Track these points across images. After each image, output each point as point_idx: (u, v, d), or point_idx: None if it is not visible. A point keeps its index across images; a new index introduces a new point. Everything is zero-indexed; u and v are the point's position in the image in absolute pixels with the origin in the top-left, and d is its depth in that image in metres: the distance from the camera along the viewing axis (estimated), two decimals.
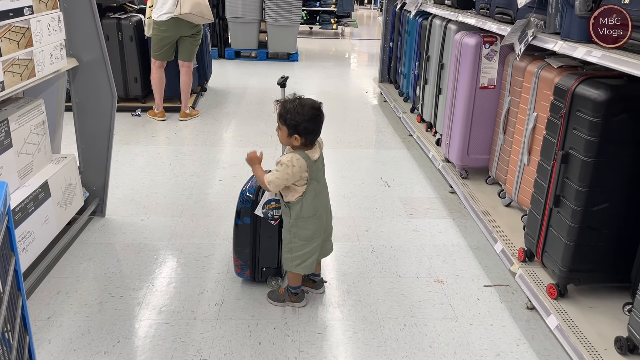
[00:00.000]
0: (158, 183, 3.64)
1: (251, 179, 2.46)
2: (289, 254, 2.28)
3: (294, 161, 2.12)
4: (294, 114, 2.10)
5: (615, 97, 1.89)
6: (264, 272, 2.46)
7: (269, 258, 2.45)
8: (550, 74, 2.45)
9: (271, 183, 2.15)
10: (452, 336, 2.23)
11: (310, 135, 2.16)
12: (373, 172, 4.00)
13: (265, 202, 2.33)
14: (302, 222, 2.23)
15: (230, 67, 7.82)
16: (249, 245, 2.42)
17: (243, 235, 2.42)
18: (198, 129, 4.89)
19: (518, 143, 2.80)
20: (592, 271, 2.14)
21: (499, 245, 2.63)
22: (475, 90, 3.22)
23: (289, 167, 2.12)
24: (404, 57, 5.10)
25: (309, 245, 2.26)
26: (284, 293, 2.38)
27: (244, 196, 2.39)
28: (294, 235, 2.25)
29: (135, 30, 5.05)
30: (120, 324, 2.22)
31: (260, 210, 2.34)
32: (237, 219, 2.41)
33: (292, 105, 2.12)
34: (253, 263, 2.45)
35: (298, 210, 2.21)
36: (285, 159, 2.14)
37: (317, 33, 12.23)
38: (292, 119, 2.10)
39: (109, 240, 2.88)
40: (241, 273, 2.49)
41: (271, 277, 2.48)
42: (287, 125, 2.12)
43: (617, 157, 1.96)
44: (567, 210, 2.08)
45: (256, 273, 2.47)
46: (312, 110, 2.12)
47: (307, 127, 2.11)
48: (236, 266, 2.48)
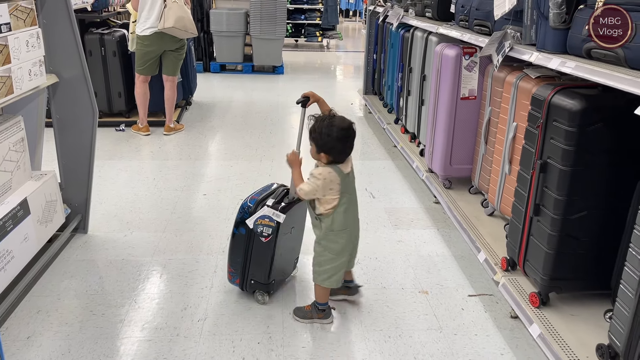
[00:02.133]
0: (142, 198, 3.62)
1: (255, 192, 2.46)
2: (317, 267, 2.28)
3: (325, 174, 2.15)
4: (322, 135, 2.12)
5: (590, 106, 1.92)
6: (252, 284, 2.45)
7: (259, 272, 2.44)
8: (528, 85, 2.48)
9: (301, 190, 2.19)
10: (436, 347, 2.23)
11: (338, 155, 2.17)
12: (358, 184, 3.93)
13: (260, 216, 2.33)
14: (333, 236, 2.23)
15: (216, 81, 7.83)
16: (242, 256, 2.42)
17: (237, 245, 2.42)
18: (183, 143, 4.87)
19: (499, 153, 2.83)
20: (573, 279, 2.15)
21: (482, 254, 2.64)
22: (457, 101, 3.26)
23: (319, 180, 2.15)
24: (388, 69, 5.14)
25: (338, 259, 2.26)
26: (311, 310, 2.35)
27: (244, 207, 2.39)
28: (324, 248, 2.25)
29: (119, 45, 5.04)
30: (101, 342, 2.19)
31: (252, 221, 2.34)
32: (234, 227, 2.41)
33: (321, 124, 2.14)
34: (243, 273, 2.44)
35: (329, 224, 2.21)
36: (317, 171, 2.17)
37: (302, 46, 12.29)
38: (320, 139, 2.13)
39: (91, 257, 2.85)
40: (232, 280, 2.49)
41: (258, 292, 2.47)
42: (315, 144, 2.16)
43: (594, 166, 1.98)
44: (547, 219, 2.10)
45: (245, 284, 2.46)
46: (341, 132, 2.12)
47: (334, 147, 2.13)
48: (228, 272, 2.48)
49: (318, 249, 2.29)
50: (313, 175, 2.18)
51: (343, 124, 2.15)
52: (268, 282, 2.44)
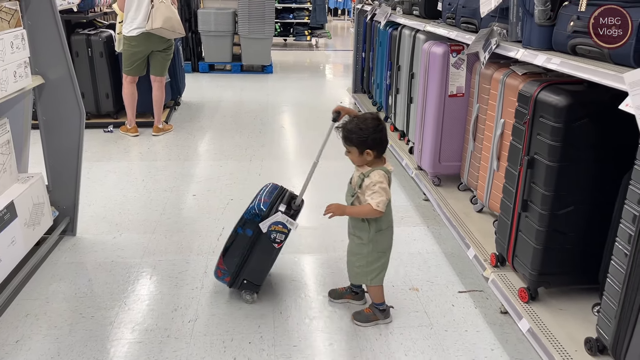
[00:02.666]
0: (131, 199, 3.60)
1: (263, 194, 2.44)
2: (366, 268, 2.27)
3: (382, 174, 2.14)
4: (358, 132, 2.11)
5: (575, 102, 1.93)
6: (244, 284, 2.44)
7: (256, 273, 2.44)
8: (515, 81, 2.50)
9: (380, 204, 2.11)
10: (427, 343, 2.24)
11: (380, 145, 2.16)
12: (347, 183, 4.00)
13: (274, 222, 2.32)
14: (380, 235, 2.23)
15: (204, 81, 7.80)
16: (240, 256, 2.39)
17: (239, 245, 2.39)
18: (171, 144, 4.85)
19: (487, 149, 2.84)
20: (561, 274, 2.17)
21: (471, 251, 2.66)
22: (445, 99, 3.27)
23: (384, 182, 2.13)
24: (376, 67, 5.15)
25: (384, 256, 2.28)
26: (372, 312, 2.35)
27: (255, 210, 2.35)
28: (372, 249, 2.24)
29: (106, 46, 5.00)
30: (91, 345, 2.18)
31: (265, 226, 2.32)
32: (239, 227, 2.38)
33: (352, 125, 2.14)
34: (237, 272, 2.42)
35: (377, 225, 2.21)
36: (376, 177, 2.13)
37: (291, 45, 12.28)
38: (358, 137, 2.12)
39: (80, 260, 2.83)
40: (221, 277, 2.47)
41: (247, 291, 2.46)
42: (356, 145, 2.14)
43: (580, 161, 2.00)
44: (535, 215, 2.11)
45: (236, 282, 2.45)
46: (374, 122, 2.14)
47: (375, 139, 2.13)
48: (218, 269, 2.45)
49: (365, 250, 2.25)
50: (374, 182, 2.12)
51: (372, 115, 2.18)
52: (261, 284, 2.45)
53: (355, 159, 2.19)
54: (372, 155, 2.15)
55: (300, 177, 4.13)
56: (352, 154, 2.18)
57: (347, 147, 2.18)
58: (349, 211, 2.23)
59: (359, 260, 2.28)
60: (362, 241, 2.25)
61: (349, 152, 2.19)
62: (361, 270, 2.29)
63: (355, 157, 2.19)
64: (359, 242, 2.26)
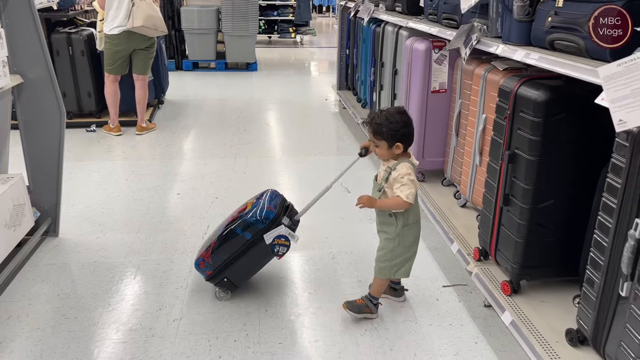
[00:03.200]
0: (114, 199, 3.57)
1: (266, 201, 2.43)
2: (389, 262, 2.27)
3: (410, 167, 2.16)
4: (388, 125, 2.12)
5: (554, 97, 1.95)
6: (224, 282, 2.44)
7: (239, 275, 2.44)
8: (496, 77, 2.52)
9: (409, 197, 2.12)
10: (412, 338, 2.25)
11: (408, 138, 2.18)
12: (333, 179, 4.01)
13: (277, 235, 2.34)
14: (407, 230, 2.24)
15: (188, 79, 7.75)
16: (231, 256, 2.39)
17: (233, 245, 2.38)
18: (155, 143, 4.82)
19: (470, 145, 2.86)
20: (542, 266, 2.20)
21: (455, 245, 2.68)
22: (428, 95, 3.29)
23: (412, 174, 2.15)
24: (360, 63, 5.16)
25: (410, 250, 2.29)
26: (364, 304, 2.36)
27: (260, 217, 2.35)
28: (398, 243, 2.25)
29: (87, 45, 4.95)
30: (74, 346, 2.16)
31: (270, 238, 2.34)
32: (239, 228, 2.37)
33: (381, 118, 2.14)
34: (220, 269, 2.41)
35: (404, 219, 2.22)
36: (404, 170, 2.14)
37: (276, 42, 12.25)
38: (389, 130, 2.12)
39: (63, 261, 2.80)
40: (202, 268, 2.45)
41: (223, 289, 2.47)
42: (386, 138, 2.14)
43: (560, 155, 2.02)
44: (516, 209, 2.14)
45: (215, 278, 2.44)
46: (402, 116, 2.15)
47: (404, 133, 2.15)
48: (202, 260, 2.43)
49: (390, 245, 2.25)
50: (402, 175, 2.13)
51: (398, 109, 2.19)
52: (240, 286, 2.47)
53: (384, 153, 2.19)
54: (401, 148, 2.17)
55: (285, 174, 4.13)
56: (381, 148, 2.18)
57: (375, 142, 2.18)
58: (379, 204, 2.22)
59: (384, 255, 2.29)
60: (388, 236, 2.26)
61: (377, 147, 2.19)
62: (386, 264, 2.29)
63: (384, 151, 2.19)
64: (385, 237, 2.27)
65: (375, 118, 2.17)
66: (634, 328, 1.56)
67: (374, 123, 2.16)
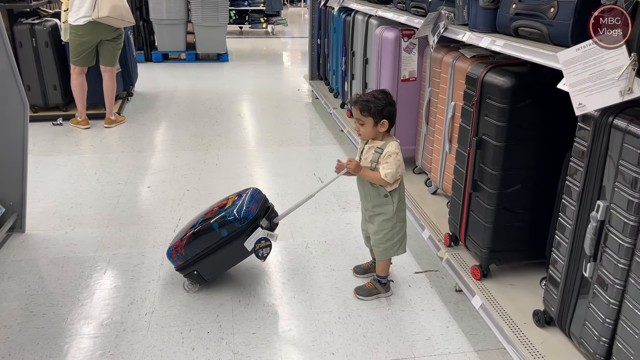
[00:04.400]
0: (83, 193, 3.50)
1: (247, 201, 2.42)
2: (390, 242, 2.34)
3: (397, 146, 2.22)
4: (375, 102, 2.19)
5: (520, 83, 1.98)
6: (194, 274, 2.42)
7: (210, 270, 2.43)
8: (464, 64, 2.54)
9: (388, 175, 2.19)
10: (385, 324, 2.28)
11: (393, 117, 2.25)
12: (306, 169, 4.02)
13: (258, 240, 2.34)
14: (401, 204, 2.33)
15: (158, 71, 7.63)
16: (204, 249, 2.37)
17: (208, 239, 2.37)
18: (125, 136, 4.74)
19: (440, 132, 2.89)
20: (511, 250, 2.24)
21: (426, 232, 2.71)
22: (398, 83, 3.30)
23: (399, 154, 2.21)
24: (332, 53, 5.15)
25: (405, 225, 2.38)
26: (374, 286, 2.43)
27: (240, 215, 2.34)
28: (396, 220, 2.32)
29: (51, 36, 4.82)
30: (43, 343, 2.12)
31: (250, 245, 2.34)
32: (216, 224, 2.35)
33: (368, 96, 2.22)
34: (192, 262, 2.40)
35: (399, 195, 2.29)
36: (392, 148, 2.21)
37: (247, 33, 12.13)
38: (376, 106, 2.18)
39: (30, 257, 2.74)
40: (174, 258, 2.43)
41: (192, 281, 2.46)
42: (373, 115, 2.19)
43: (526, 140, 2.05)
44: (484, 194, 2.17)
45: (185, 269, 2.43)
46: (386, 95, 2.24)
47: (390, 110, 2.22)
48: (175, 250, 2.41)
49: (389, 224, 2.32)
50: (390, 153, 2.20)
51: (382, 90, 2.28)
52: (209, 280, 2.47)
53: (368, 131, 2.24)
54: (386, 126, 2.23)
55: (258, 165, 4.11)
56: (367, 126, 2.23)
57: (361, 119, 2.23)
58: (362, 172, 2.28)
59: (385, 236, 2.34)
60: (386, 217, 2.31)
61: (362, 125, 2.23)
62: (388, 244, 2.35)
63: (369, 129, 2.23)
64: (383, 219, 2.32)
65: (362, 97, 2.23)
66: (598, 308, 1.61)
67: (361, 101, 2.21)
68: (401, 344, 2.16)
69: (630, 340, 1.47)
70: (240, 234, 2.34)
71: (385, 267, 2.44)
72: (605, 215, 1.55)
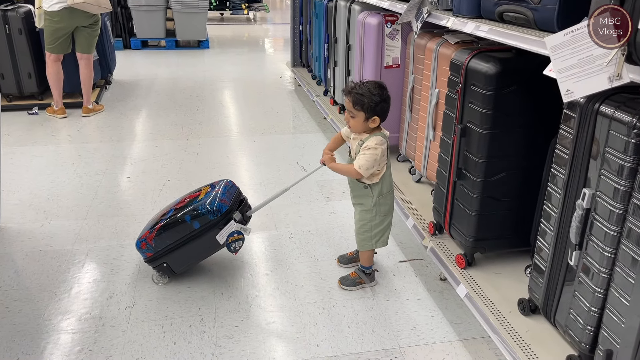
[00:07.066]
0: (60, 185, 3.41)
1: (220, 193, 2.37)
2: (368, 233, 2.32)
3: (380, 141, 2.16)
4: (370, 97, 2.11)
5: (505, 69, 1.95)
6: (163, 267, 2.37)
7: (180, 262, 2.39)
8: (448, 50, 2.50)
9: (362, 167, 2.15)
10: (370, 314, 2.26)
11: (385, 114, 2.18)
12: (289, 158, 3.97)
13: (230, 233, 2.30)
14: (382, 199, 2.28)
15: (137, 58, 7.48)
16: (174, 241, 2.32)
17: (178, 232, 2.32)
18: (103, 125, 4.63)
19: (424, 120, 2.86)
20: (496, 239, 2.22)
21: (410, 220, 2.68)
22: (381, 70, 3.26)
23: (378, 149, 2.15)
24: (314, 40, 5.08)
25: (386, 219, 2.33)
26: (358, 276, 2.42)
27: (212, 208, 2.30)
28: (375, 213, 2.28)
29: (25, 22, 4.67)
30: (19, 339, 2.06)
31: (222, 238, 2.30)
32: (188, 215, 2.30)
33: (363, 89, 2.12)
34: (161, 253, 2.35)
35: (379, 189, 2.25)
36: (373, 142, 2.15)
37: (228, 19, 11.96)
38: (370, 102, 2.11)
39: (5, 251, 2.66)
40: (143, 249, 2.38)
41: (161, 274, 2.41)
42: (365, 110, 2.13)
43: (511, 128, 2.03)
44: (469, 182, 2.15)
45: (155, 262, 2.37)
46: (382, 90, 2.15)
47: (383, 107, 2.15)
48: (144, 241, 2.36)
49: (368, 216, 2.29)
50: (369, 147, 2.15)
51: (379, 83, 2.17)
52: (179, 273, 2.42)
53: (359, 125, 2.18)
54: (377, 122, 2.17)
55: (240, 154, 4.05)
56: (357, 119, 2.17)
57: (353, 112, 2.16)
58: (334, 166, 2.28)
59: (363, 227, 2.32)
60: (365, 207, 2.29)
61: (353, 117, 2.17)
62: (366, 235, 2.33)
63: (358, 123, 2.17)
64: (362, 209, 2.31)
65: (356, 88, 2.15)
66: (583, 296, 1.60)
67: (356, 93, 2.14)
68: (386, 334, 2.14)
69: (616, 328, 1.47)
70: (212, 227, 2.30)
71: (369, 258, 2.41)
72: (591, 203, 1.54)
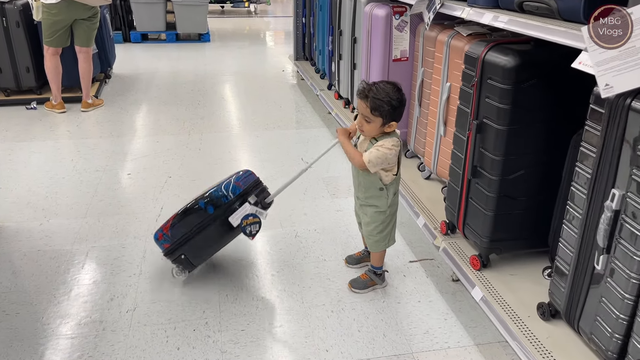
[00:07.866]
0: (59, 182, 3.32)
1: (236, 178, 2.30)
2: (380, 234, 2.24)
3: (396, 143, 2.09)
4: (390, 102, 2.00)
5: (524, 62, 1.86)
6: (181, 259, 2.28)
7: (197, 253, 2.30)
8: (461, 43, 2.41)
9: (370, 162, 2.06)
10: (380, 317, 2.17)
11: (400, 117, 2.11)
12: (294, 153, 3.88)
13: (245, 215, 2.22)
14: (395, 198, 2.23)
15: (137, 51, 7.37)
16: (190, 229, 2.24)
17: (194, 218, 2.24)
18: (103, 120, 4.54)
19: (434, 115, 2.77)
20: (512, 239, 2.14)
21: (421, 219, 2.60)
22: (389, 63, 3.16)
23: (392, 150, 2.07)
24: (318, 32, 4.97)
25: (395, 217, 2.28)
26: (369, 277, 2.34)
27: (225, 191, 2.23)
28: (389, 213, 2.22)
29: (22, 15, 4.57)
30: (16, 345, 1.98)
31: (236, 220, 2.22)
32: (202, 201, 2.23)
33: (382, 94, 2.00)
34: (179, 243, 2.26)
35: (393, 189, 2.19)
36: (390, 143, 2.06)
37: (229, 12, 11.84)
38: (390, 109, 2.01)
39: (2, 251, 2.58)
40: (160, 241, 2.30)
41: (180, 267, 2.32)
42: (384, 116, 2.02)
43: (529, 124, 1.94)
44: (485, 181, 2.06)
45: (173, 254, 2.29)
46: (400, 94, 2.05)
47: (401, 112, 2.07)
48: (161, 232, 2.29)
49: (381, 217, 2.21)
50: (384, 145, 2.05)
51: (396, 86, 2.07)
52: (197, 265, 2.34)
53: (373, 130, 2.06)
54: (394, 127, 2.08)
55: (243, 150, 3.96)
56: (373, 125, 2.04)
57: (370, 117, 2.03)
58: (345, 144, 2.18)
59: (377, 228, 2.24)
60: (380, 209, 2.20)
61: (369, 123, 2.04)
62: (379, 237, 2.25)
63: (374, 128, 2.06)
64: (376, 211, 2.21)
65: (374, 93, 2.01)
66: (611, 302, 1.51)
67: (374, 98, 2.00)
68: (398, 338, 2.06)
69: None
70: (226, 210, 2.23)
71: (380, 258, 2.33)
72: (621, 204, 1.45)
